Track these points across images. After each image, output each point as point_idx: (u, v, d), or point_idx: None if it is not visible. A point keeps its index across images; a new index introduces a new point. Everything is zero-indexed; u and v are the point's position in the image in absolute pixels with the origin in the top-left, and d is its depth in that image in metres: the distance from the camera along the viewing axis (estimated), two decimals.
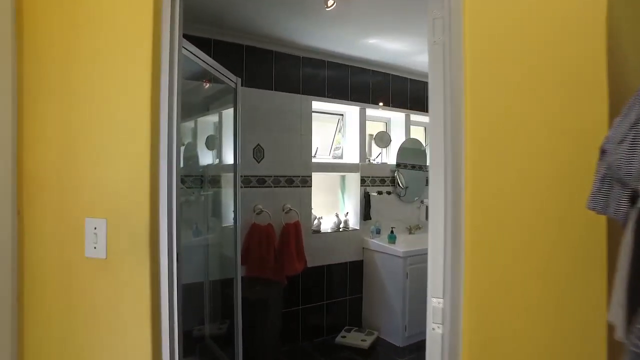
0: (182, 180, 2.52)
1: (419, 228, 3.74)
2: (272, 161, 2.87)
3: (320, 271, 3.16)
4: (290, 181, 2.96)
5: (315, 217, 3.19)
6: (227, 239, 2.57)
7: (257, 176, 2.80)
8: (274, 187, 2.88)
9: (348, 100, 3.31)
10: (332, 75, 3.20)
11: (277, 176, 2.90)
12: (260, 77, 2.81)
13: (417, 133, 4.07)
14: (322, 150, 3.45)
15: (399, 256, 2.98)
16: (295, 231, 2.87)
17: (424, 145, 3.95)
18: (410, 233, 3.67)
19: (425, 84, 3.57)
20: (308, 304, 3.08)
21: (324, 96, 3.15)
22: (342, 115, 3.58)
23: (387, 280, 3.13)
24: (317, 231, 3.17)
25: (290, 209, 2.92)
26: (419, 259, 3.05)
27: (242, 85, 2.68)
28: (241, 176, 2.69)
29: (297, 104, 3.00)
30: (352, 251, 3.35)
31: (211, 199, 2.65)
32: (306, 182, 3.05)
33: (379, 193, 3.38)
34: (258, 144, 2.80)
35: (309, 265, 3.01)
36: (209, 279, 2.54)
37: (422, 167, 3.85)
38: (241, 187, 2.68)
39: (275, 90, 2.89)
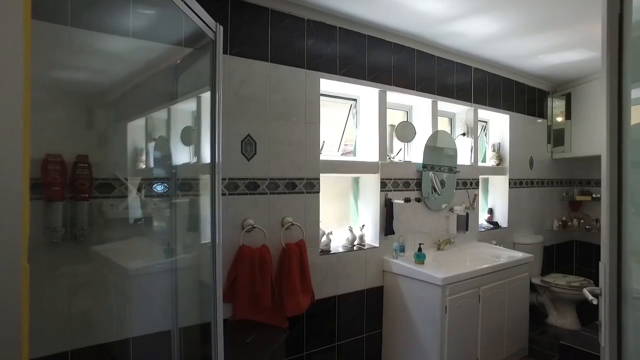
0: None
1: (450, 243, 3.09)
2: (268, 158, 2.18)
3: (330, 304, 2.49)
4: (291, 185, 2.28)
5: (324, 233, 2.52)
6: (206, 265, 1.89)
7: (246, 179, 2.11)
8: (270, 193, 2.20)
9: (365, 79, 2.64)
10: (346, 46, 2.53)
11: (275, 179, 2.22)
12: (251, 42, 2.13)
13: (442, 125, 3.43)
14: (329, 144, 2.78)
15: (435, 284, 2.32)
16: (300, 254, 2.19)
17: (455, 138, 3.32)
18: (439, 249, 3.03)
19: (456, 65, 2.88)
20: (315, 347, 2.40)
21: (335, 73, 2.48)
22: (356, 100, 2.92)
23: (417, 314, 2.48)
24: (327, 251, 2.50)
25: (292, 224, 2.24)
26: (463, 286, 2.41)
27: (228, 53, 2.01)
28: (224, 179, 2.01)
29: (301, 82, 2.33)
30: (370, 275, 2.69)
31: (184, 209, 1.96)
32: (313, 187, 2.37)
33: (406, 200, 2.72)
34: (248, 135, 2.11)
35: (317, 297, 2.35)
36: (178, 326, 1.84)
37: (452, 169, 3.21)
38: (224, 194, 2.00)
39: (272, 62, 2.21)
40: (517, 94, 3.86)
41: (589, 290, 1.16)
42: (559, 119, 4.25)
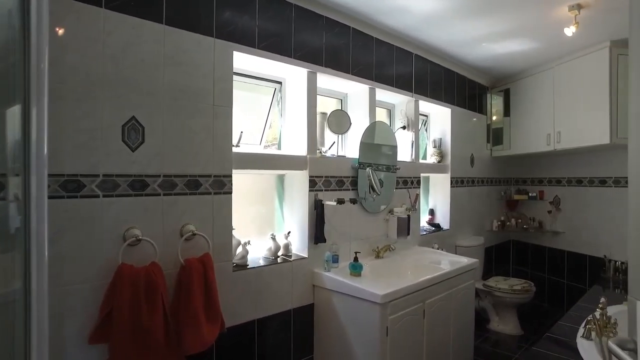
0: None
1: (390, 249, 2.83)
2: (161, 149, 1.73)
3: (249, 330, 2.09)
4: (194, 184, 1.85)
5: (239, 243, 2.11)
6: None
7: (130, 175, 1.64)
8: (165, 194, 1.75)
9: (291, 57, 2.28)
10: (267, 16, 2.14)
11: (171, 176, 1.77)
12: None
13: (380, 117, 3.18)
14: (248, 135, 2.38)
15: (375, 302, 2.02)
16: (204, 272, 1.76)
17: (395, 131, 3.07)
18: (377, 257, 2.76)
19: (397, 50, 2.58)
20: None
21: (253, 46, 2.09)
22: (281, 83, 2.54)
23: (354, 336, 2.16)
24: (243, 266, 2.09)
25: (195, 233, 1.80)
26: (406, 302, 2.13)
27: (102, 5, 1.53)
28: (95, 175, 1.54)
29: (209, 54, 1.90)
30: (298, 292, 2.33)
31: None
32: (223, 186, 1.96)
33: (340, 202, 2.39)
34: (133, 118, 1.65)
35: (229, 324, 1.93)
36: None
37: (392, 166, 2.96)
38: (96, 195, 1.54)
39: (168, 24, 1.76)
40: (458, 87, 3.74)
41: (616, 343, 0.87)
42: (495, 118, 4.22)
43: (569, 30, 2.48)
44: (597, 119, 3.12)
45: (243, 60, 2.13)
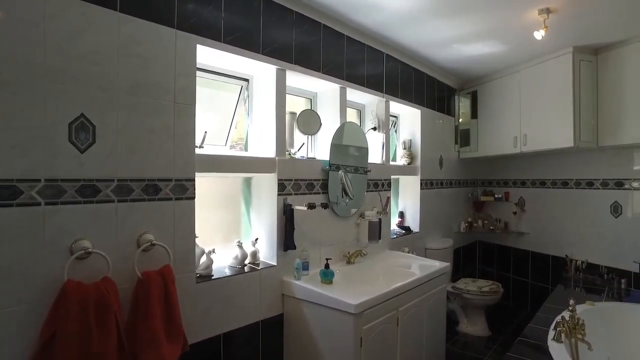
0: None
1: (361, 254, 2.76)
2: (115, 150, 1.56)
3: (214, 346, 1.94)
4: (153, 189, 1.69)
5: (203, 252, 1.96)
6: None
7: (79, 180, 1.46)
8: (120, 201, 1.58)
9: (259, 52, 2.15)
10: (233, 8, 2.01)
11: (126, 180, 1.60)
12: None
13: (350, 118, 3.11)
14: (213, 136, 2.23)
15: (348, 312, 1.93)
16: (164, 285, 1.61)
17: (365, 132, 3.00)
18: (349, 263, 2.68)
19: (368, 49, 2.47)
20: None
21: (218, 40, 1.94)
22: (248, 81, 2.41)
23: (326, 348, 2.06)
24: (207, 277, 1.94)
25: (154, 244, 1.64)
26: (380, 310, 2.06)
27: None
28: (36, 180, 1.36)
29: (170, 46, 1.74)
30: (267, 302, 2.20)
31: None
32: (185, 191, 1.80)
33: (310, 207, 2.29)
34: (82, 116, 1.47)
35: (193, 341, 1.79)
36: None
37: (363, 168, 2.89)
38: (36, 202, 1.36)
39: (123, 12, 1.59)
40: (428, 88, 3.73)
41: None
42: (462, 120, 4.27)
43: (539, 34, 2.50)
44: (562, 123, 3.20)
45: (207, 54, 1.99)
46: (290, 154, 2.43)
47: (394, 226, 3.58)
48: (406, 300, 2.28)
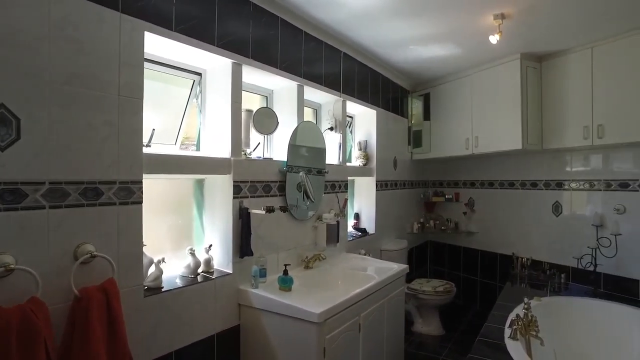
0: None
1: (320, 259, 2.67)
2: (45, 148, 1.35)
3: None
4: (93, 193, 1.48)
5: (152, 262, 1.78)
6: None
7: None
8: (52, 207, 1.37)
9: (214, 44, 1.99)
10: None
11: (60, 183, 1.39)
12: None
13: (307, 117, 3.02)
14: (162, 134, 2.04)
15: (310, 321, 1.83)
16: (106, 303, 1.42)
17: (322, 132, 2.92)
18: (307, 267, 2.58)
19: (326, 46, 2.32)
20: None
21: (169, 28, 1.77)
22: (201, 75, 2.24)
23: (287, 359, 1.95)
24: (156, 289, 1.76)
25: (94, 255, 1.44)
26: (342, 318, 1.98)
27: None
28: None
29: (113, 32, 1.55)
30: (222, 313, 2.05)
31: None
32: (131, 194, 1.61)
33: (269, 211, 2.16)
34: (2, 107, 1.25)
35: (145, 359, 1.61)
36: None
37: (321, 170, 2.81)
38: None
39: None
40: (383, 89, 3.73)
41: None
42: (414, 122, 4.33)
43: (494, 38, 2.56)
44: (511, 126, 3.32)
45: (157, 44, 1.81)
46: (246, 154, 2.29)
47: (350, 228, 3.53)
48: (368, 305, 2.22)
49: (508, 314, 2.37)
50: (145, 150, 1.70)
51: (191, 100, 2.22)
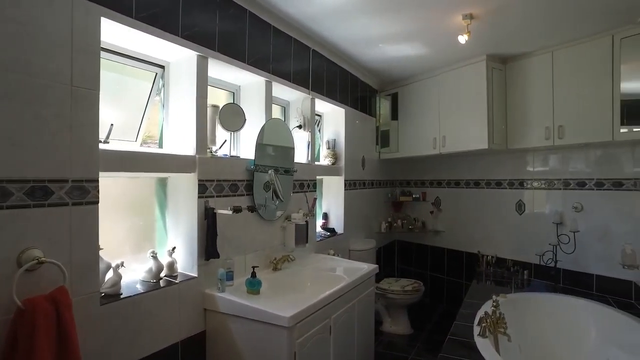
0: None
1: (289, 260, 2.60)
2: None
3: None
4: (41, 192, 1.35)
5: (109, 267, 1.65)
6: None
7: None
8: None
9: (178, 35, 1.88)
10: None
11: (1, 181, 1.25)
12: None
13: (275, 115, 2.94)
14: (120, 129, 1.91)
15: (280, 325, 1.76)
16: (56, 315, 1.29)
17: (290, 130, 2.85)
18: (275, 269, 2.50)
19: (294, 42, 2.20)
20: None
21: (129, 15, 1.65)
22: (164, 67, 2.11)
23: None
24: (114, 296, 1.64)
25: (42, 261, 1.31)
26: (312, 321, 1.92)
27: None
28: None
29: (64, 16, 1.41)
30: (186, 319, 1.94)
31: None
32: (86, 194, 1.48)
33: (236, 211, 2.07)
34: None
35: None
36: None
37: (289, 169, 2.74)
38: None
39: None
40: (352, 88, 3.70)
41: None
42: (381, 121, 4.34)
43: (463, 38, 2.58)
44: (478, 126, 3.38)
45: (115, 32, 1.68)
46: (212, 152, 2.19)
47: (318, 228, 3.48)
48: (338, 307, 2.18)
49: (476, 312, 2.39)
50: (102, 146, 1.57)
51: (153, 94, 2.09)
